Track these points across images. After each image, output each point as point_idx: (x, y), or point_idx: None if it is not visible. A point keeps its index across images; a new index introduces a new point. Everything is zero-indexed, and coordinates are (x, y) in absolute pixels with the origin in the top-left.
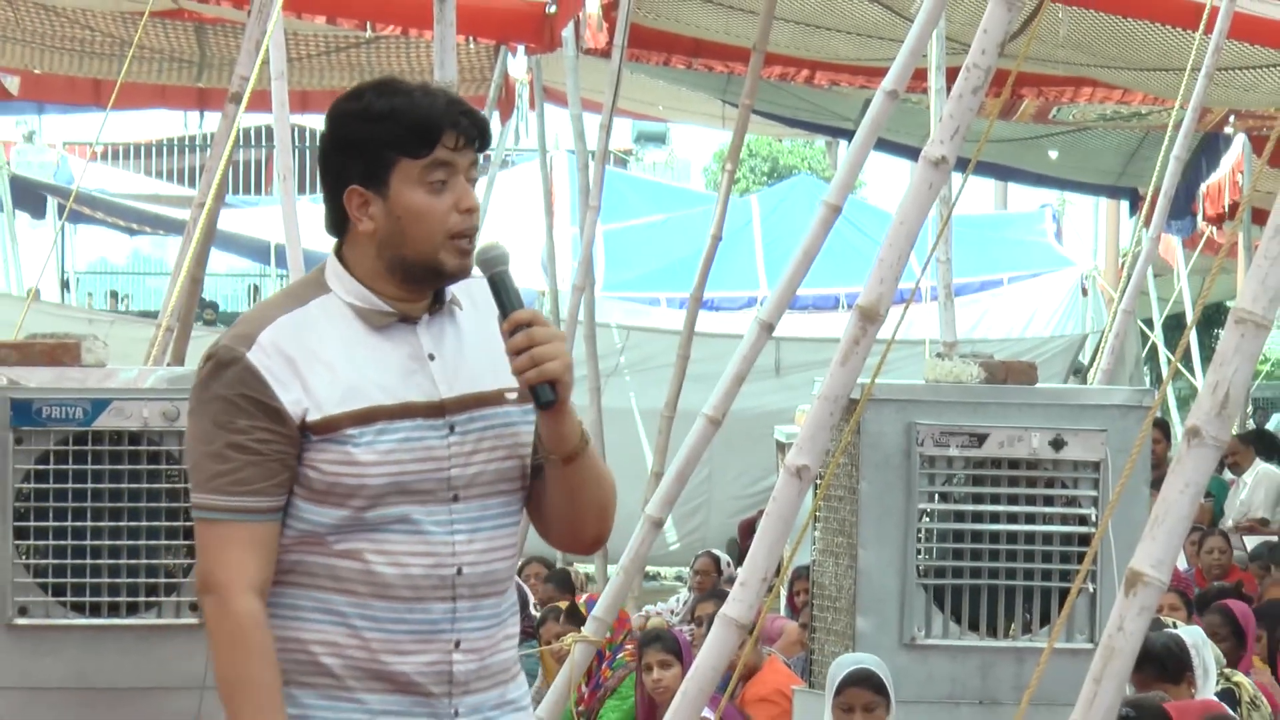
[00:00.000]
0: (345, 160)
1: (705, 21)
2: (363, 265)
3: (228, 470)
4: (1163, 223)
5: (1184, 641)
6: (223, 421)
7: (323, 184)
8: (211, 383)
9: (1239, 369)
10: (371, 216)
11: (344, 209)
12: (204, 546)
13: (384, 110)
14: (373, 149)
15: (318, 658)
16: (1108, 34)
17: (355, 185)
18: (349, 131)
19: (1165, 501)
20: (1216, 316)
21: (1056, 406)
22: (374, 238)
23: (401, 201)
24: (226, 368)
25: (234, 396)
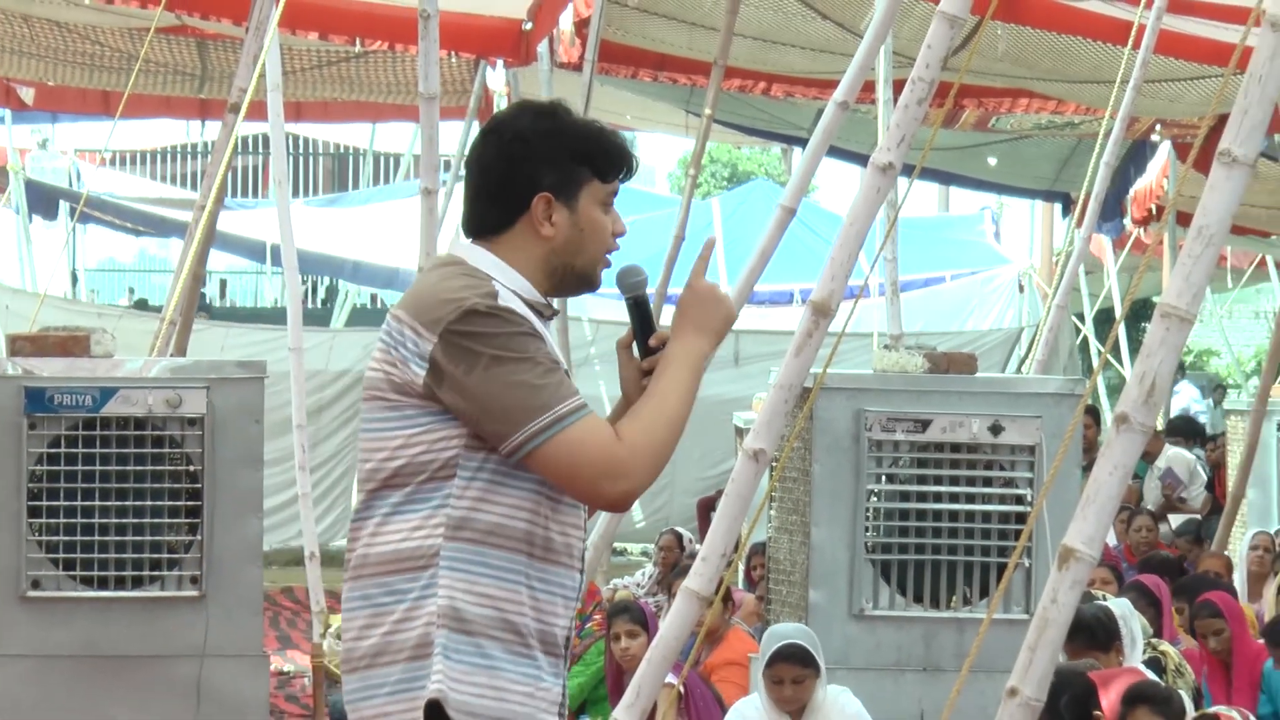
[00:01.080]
0: (540, 168)
1: (670, 37)
2: (525, 265)
3: (560, 380)
4: (1094, 224)
5: (1113, 612)
6: (529, 350)
7: (495, 187)
8: (495, 326)
9: (1164, 360)
10: (555, 223)
11: (519, 210)
12: (577, 446)
13: (587, 134)
14: (571, 164)
15: (508, 614)
16: (1043, 49)
17: (547, 193)
18: (552, 143)
19: (1096, 482)
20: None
21: (995, 394)
22: (549, 243)
23: (587, 215)
24: (497, 312)
25: (517, 332)
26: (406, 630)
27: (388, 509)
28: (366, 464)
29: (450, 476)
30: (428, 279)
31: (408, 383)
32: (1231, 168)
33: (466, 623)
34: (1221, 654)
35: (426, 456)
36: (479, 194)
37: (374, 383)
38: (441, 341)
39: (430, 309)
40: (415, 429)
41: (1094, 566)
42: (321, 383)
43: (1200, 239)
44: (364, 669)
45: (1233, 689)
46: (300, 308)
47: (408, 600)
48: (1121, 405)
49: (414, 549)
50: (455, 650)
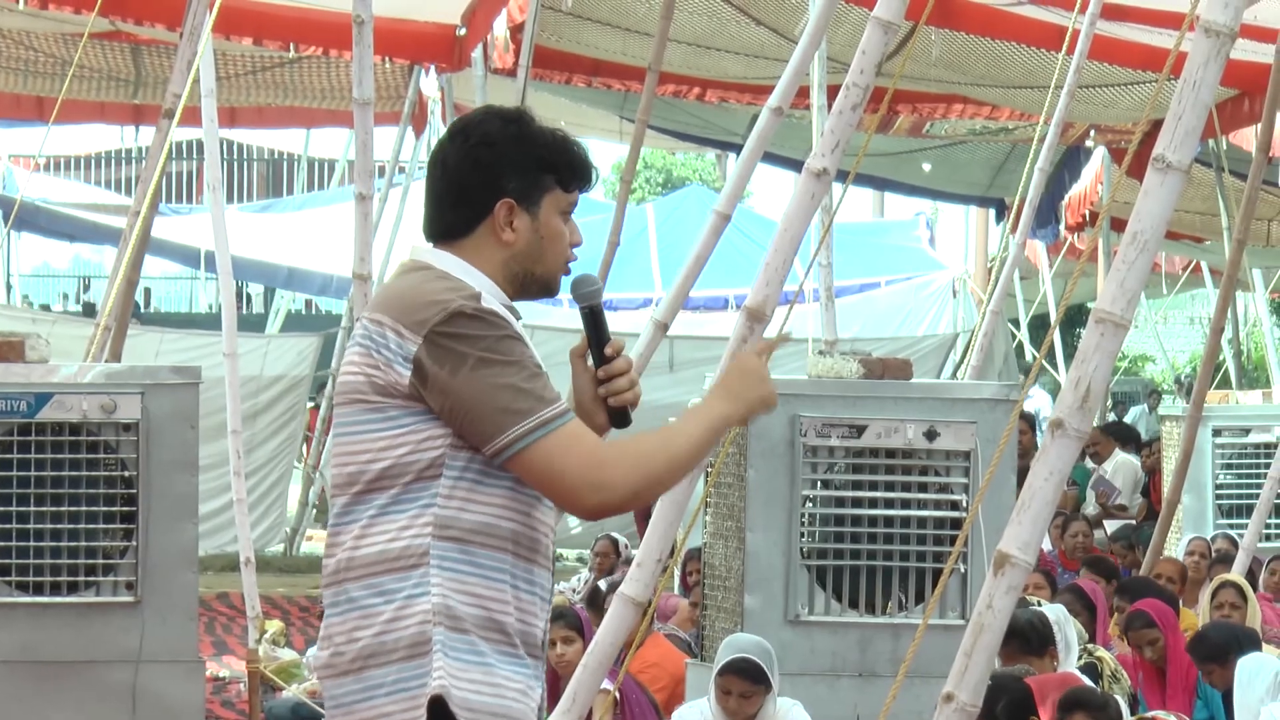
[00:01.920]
0: (505, 173)
1: (604, 43)
2: (488, 269)
3: (545, 384)
4: (1028, 230)
5: (1048, 618)
6: (515, 353)
7: (458, 190)
8: (480, 328)
9: (1099, 365)
10: (515, 230)
11: (481, 214)
12: (562, 451)
13: (553, 142)
14: (535, 172)
15: (494, 614)
16: (977, 54)
17: (509, 199)
18: (518, 150)
19: (1031, 488)
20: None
21: (930, 400)
22: (509, 248)
23: (548, 224)
24: (482, 315)
25: (503, 335)
26: (399, 629)
27: (374, 511)
28: (346, 468)
29: (436, 476)
30: (404, 282)
31: (391, 384)
32: (1166, 173)
33: (459, 620)
34: (1158, 662)
35: (412, 457)
36: (442, 197)
37: (353, 386)
38: (426, 343)
39: (413, 311)
40: (399, 430)
41: (1029, 572)
42: (256, 388)
43: (1135, 245)
44: (356, 671)
45: (1167, 695)
46: (235, 313)
47: (398, 599)
48: (1056, 411)
49: (403, 549)
50: (452, 647)
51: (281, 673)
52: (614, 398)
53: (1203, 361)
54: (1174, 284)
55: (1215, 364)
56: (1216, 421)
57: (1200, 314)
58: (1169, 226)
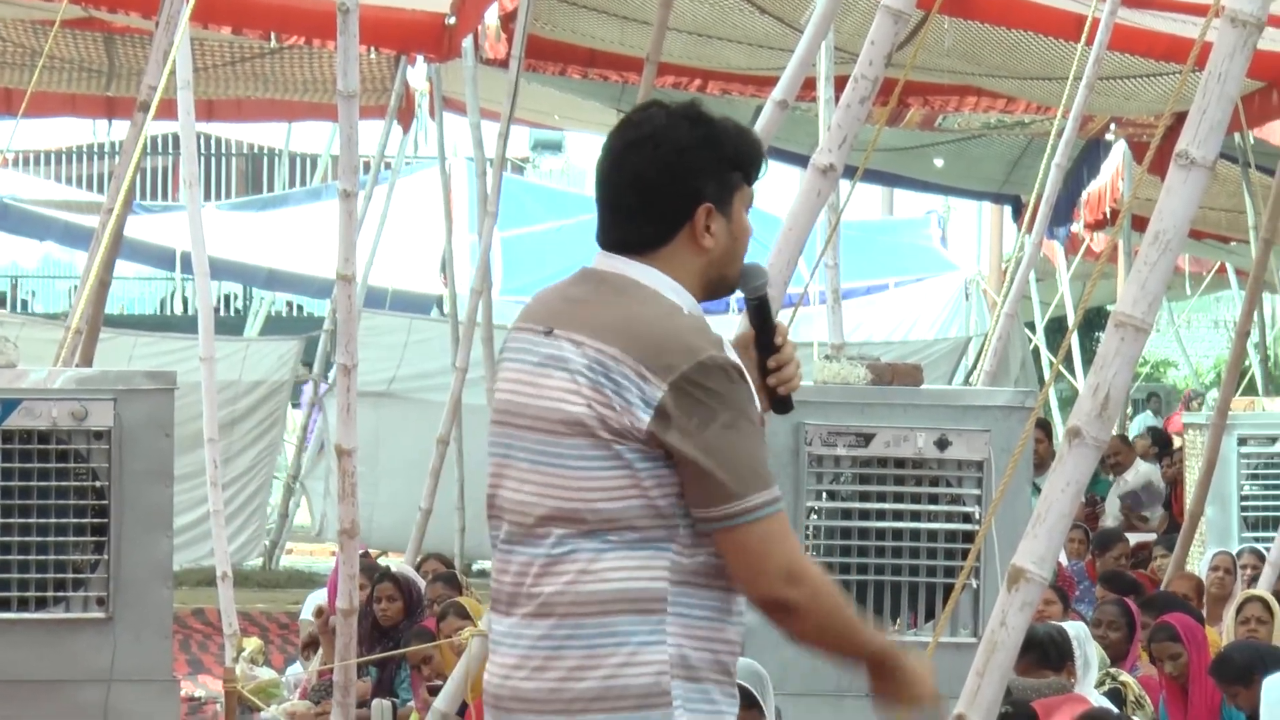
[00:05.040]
0: (702, 180)
1: (600, 32)
2: (686, 279)
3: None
4: (1045, 229)
5: (1067, 632)
6: (755, 417)
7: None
8: (729, 384)
9: (1119, 371)
10: (714, 234)
11: (680, 223)
12: (776, 540)
13: (738, 138)
14: (725, 170)
15: (720, 655)
16: (992, 44)
17: (709, 203)
18: (711, 153)
19: (1046, 500)
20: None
21: (941, 407)
22: (707, 254)
23: (740, 222)
24: (730, 370)
25: (747, 396)
26: (631, 677)
27: (604, 548)
28: (566, 503)
29: (673, 524)
30: (628, 310)
31: (627, 428)
32: (1189, 170)
33: (694, 669)
34: (1179, 678)
35: (646, 502)
36: (636, 209)
37: (575, 417)
38: (674, 390)
39: (658, 353)
40: (632, 473)
41: (1045, 587)
42: (234, 394)
43: (1157, 245)
44: (577, 712)
45: (1190, 717)
46: (212, 316)
47: (631, 644)
48: (1074, 419)
49: (640, 590)
50: (691, 700)
51: (260, 693)
52: (784, 386)
53: (1228, 367)
54: (1198, 285)
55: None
56: (1242, 430)
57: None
58: (1192, 225)
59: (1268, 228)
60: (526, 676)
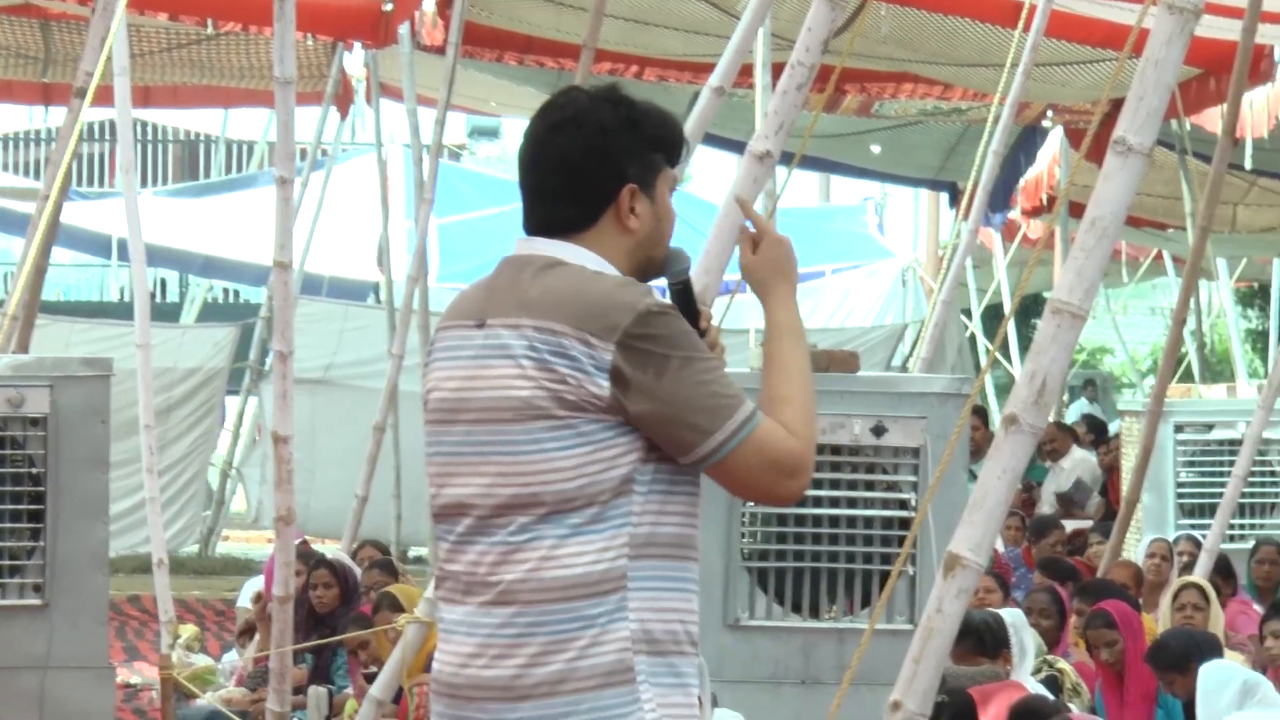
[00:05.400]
0: (625, 160)
1: (537, 19)
2: (612, 259)
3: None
4: (981, 215)
5: (1003, 619)
6: (705, 350)
7: (580, 182)
8: (672, 326)
9: (1055, 358)
10: (639, 215)
11: (605, 205)
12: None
13: (660, 119)
14: (647, 151)
15: (688, 625)
16: (929, 31)
17: (633, 184)
18: (633, 134)
19: (983, 487)
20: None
21: (877, 394)
22: (634, 235)
23: (664, 203)
24: (669, 311)
25: (689, 330)
26: (595, 656)
27: (565, 532)
28: (524, 489)
29: (629, 492)
30: (558, 283)
31: (586, 398)
32: (1126, 156)
33: (658, 643)
34: (1115, 665)
35: (607, 474)
36: (560, 191)
37: (527, 401)
38: (621, 349)
39: (597, 315)
40: (592, 446)
41: (981, 574)
42: (170, 381)
43: (1093, 231)
44: (541, 697)
45: (1126, 703)
46: (148, 303)
47: (596, 625)
48: (1010, 406)
49: (603, 572)
50: (655, 675)
51: (196, 680)
52: None
53: (1164, 354)
54: (1135, 272)
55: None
56: (1179, 417)
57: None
58: (1129, 212)
59: (1204, 215)
60: (486, 664)
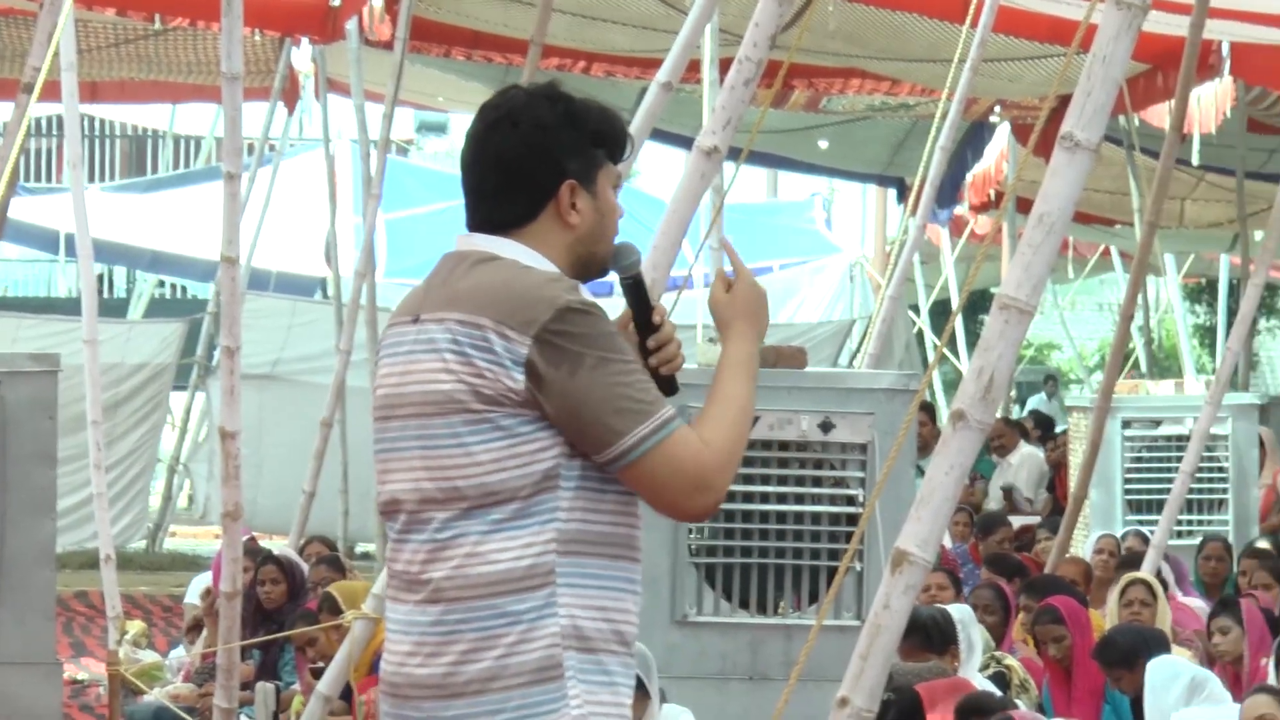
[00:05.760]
0: (564, 156)
1: (485, 14)
2: (553, 255)
3: (651, 383)
4: (929, 211)
5: (951, 615)
6: (624, 350)
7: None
8: (591, 324)
9: (1003, 354)
10: (580, 211)
11: (544, 200)
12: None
13: (600, 115)
14: (587, 146)
15: (618, 624)
16: (876, 27)
17: (572, 180)
18: (571, 129)
19: (930, 482)
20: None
21: (825, 390)
22: (574, 231)
23: (606, 199)
24: (590, 309)
25: (610, 330)
26: (524, 653)
27: (487, 527)
28: (446, 483)
29: (554, 488)
30: (487, 277)
31: (501, 392)
32: (1074, 152)
33: (588, 640)
34: (1062, 661)
35: (527, 469)
36: (499, 188)
37: (449, 395)
38: (538, 343)
39: (517, 310)
40: (512, 440)
41: (929, 570)
42: (118, 377)
43: (1041, 227)
44: (472, 695)
45: (1073, 699)
46: (96, 298)
47: (524, 622)
48: (958, 402)
49: (529, 568)
50: (584, 671)
51: (143, 675)
52: (666, 366)
53: (1112, 350)
54: (1082, 268)
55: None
56: (1126, 413)
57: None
58: (1077, 208)
59: (1152, 210)
60: (421, 663)
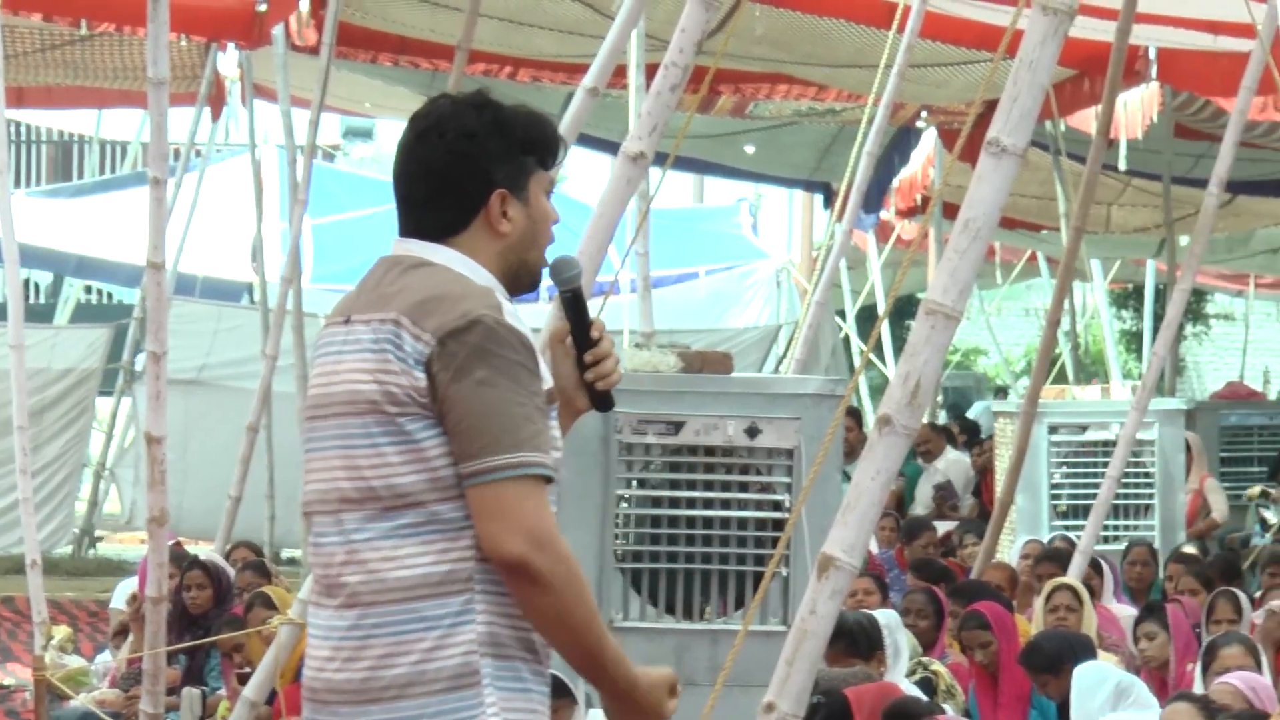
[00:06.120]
0: (492, 164)
1: (411, 19)
2: (485, 264)
3: (541, 430)
4: (855, 216)
5: (877, 620)
6: (525, 383)
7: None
8: (496, 345)
9: (929, 359)
10: (511, 219)
11: (475, 210)
12: (521, 500)
13: (529, 121)
14: (518, 155)
15: (528, 634)
16: (803, 32)
17: (502, 188)
18: (499, 137)
19: (857, 488)
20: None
21: (751, 395)
22: (506, 239)
23: (538, 206)
24: (502, 332)
25: (526, 360)
26: (441, 659)
27: (404, 531)
28: (362, 483)
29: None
30: (414, 281)
31: (410, 391)
32: (1000, 158)
33: (504, 647)
34: (989, 667)
35: (437, 474)
36: (429, 198)
37: (364, 395)
38: (439, 345)
39: (431, 313)
40: (421, 443)
41: (855, 575)
42: (44, 382)
43: (967, 232)
44: (389, 700)
45: (1000, 705)
46: (22, 303)
47: (441, 627)
48: (884, 407)
49: (447, 573)
50: (500, 679)
51: (69, 681)
52: (602, 381)
53: (1038, 355)
54: (1008, 273)
55: (1051, 358)
56: (1052, 418)
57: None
58: (1003, 213)
59: (1079, 216)
60: (339, 668)
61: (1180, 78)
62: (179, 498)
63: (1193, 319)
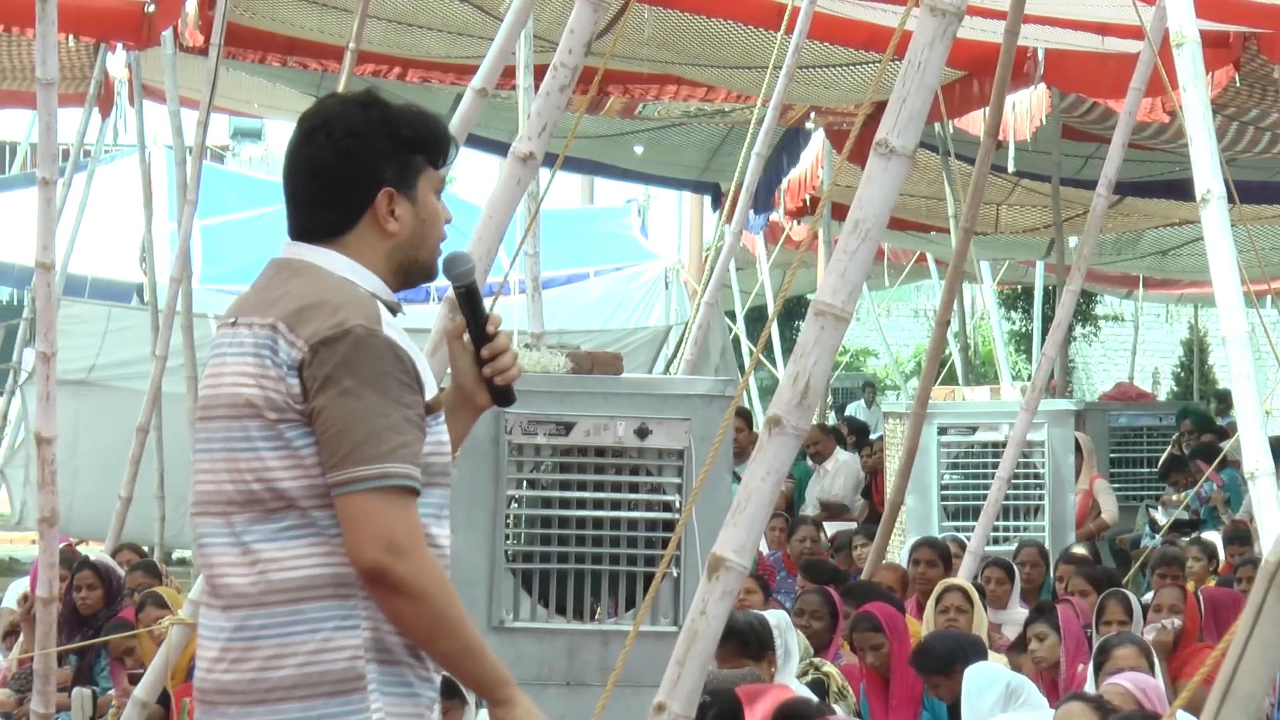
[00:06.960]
0: (379, 163)
1: (300, 20)
2: (373, 264)
3: (408, 442)
4: (744, 217)
5: (768, 621)
6: (395, 395)
7: (334, 188)
8: (368, 357)
9: (819, 360)
10: (398, 218)
11: (362, 208)
12: (385, 510)
13: (417, 120)
14: (407, 154)
15: None
16: (692, 33)
17: (389, 187)
18: (385, 136)
19: (747, 489)
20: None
21: (641, 396)
22: (394, 238)
23: (427, 205)
24: (374, 344)
25: (397, 372)
26: (325, 662)
27: (287, 534)
28: (242, 485)
29: None
30: (296, 286)
31: (285, 396)
32: (889, 159)
33: (389, 652)
34: (880, 668)
35: (315, 481)
36: (315, 198)
37: (244, 399)
38: (310, 352)
39: (307, 320)
40: (299, 450)
41: (745, 576)
42: None
43: (856, 233)
44: (273, 701)
45: (892, 706)
46: None
47: (325, 630)
48: (774, 408)
49: (332, 576)
50: (386, 684)
51: None
52: (500, 376)
53: (928, 356)
54: (898, 275)
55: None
56: (942, 419)
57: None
58: (893, 214)
59: (967, 216)
60: (226, 669)
61: (1068, 79)
62: (69, 498)
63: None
